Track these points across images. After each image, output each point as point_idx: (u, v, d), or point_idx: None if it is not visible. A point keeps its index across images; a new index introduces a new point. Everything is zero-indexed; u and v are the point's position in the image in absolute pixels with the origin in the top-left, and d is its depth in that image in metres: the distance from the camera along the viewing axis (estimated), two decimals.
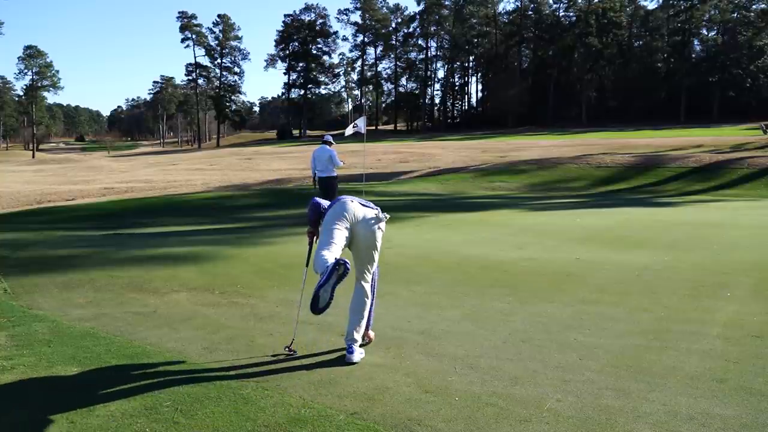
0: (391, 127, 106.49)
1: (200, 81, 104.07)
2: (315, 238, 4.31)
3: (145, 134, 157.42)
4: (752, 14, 77.76)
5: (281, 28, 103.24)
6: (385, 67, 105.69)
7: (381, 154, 43.47)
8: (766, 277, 6.69)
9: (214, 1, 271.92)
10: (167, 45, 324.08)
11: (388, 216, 4.26)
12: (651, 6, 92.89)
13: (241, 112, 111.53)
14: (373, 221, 4.16)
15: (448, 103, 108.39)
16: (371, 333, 4.45)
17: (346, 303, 4.37)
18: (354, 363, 4.01)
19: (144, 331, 4.85)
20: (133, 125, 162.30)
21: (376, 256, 4.27)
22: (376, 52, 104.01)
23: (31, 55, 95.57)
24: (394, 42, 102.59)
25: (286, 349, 4.22)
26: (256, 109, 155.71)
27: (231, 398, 3.43)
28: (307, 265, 4.29)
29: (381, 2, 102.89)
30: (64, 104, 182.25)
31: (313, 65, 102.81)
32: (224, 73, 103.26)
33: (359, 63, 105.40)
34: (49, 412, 3.23)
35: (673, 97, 79.81)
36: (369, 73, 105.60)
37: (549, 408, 3.31)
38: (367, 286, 4.24)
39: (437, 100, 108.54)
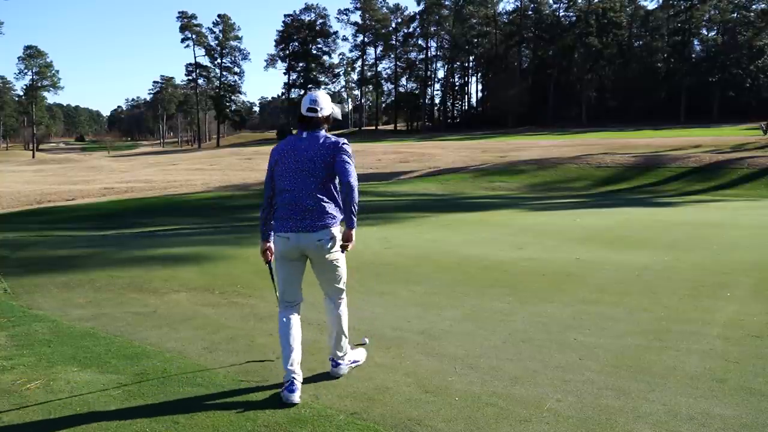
0: (391, 127, 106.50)
1: (200, 81, 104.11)
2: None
3: (145, 134, 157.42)
4: (752, 14, 77.80)
5: (281, 28, 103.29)
6: (385, 67, 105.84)
7: (381, 154, 43.47)
8: (766, 277, 6.69)
9: (214, 1, 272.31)
10: (167, 45, 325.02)
11: (334, 236, 3.63)
12: (651, 6, 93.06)
13: (241, 112, 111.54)
14: (319, 248, 3.63)
15: (448, 103, 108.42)
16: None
17: (348, 302, 4.36)
18: (342, 374, 3.84)
19: (144, 331, 4.85)
20: (133, 125, 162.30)
21: (342, 272, 3.83)
22: (376, 52, 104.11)
23: (31, 55, 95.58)
24: (394, 42, 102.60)
25: None
26: (256, 109, 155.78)
27: (231, 398, 3.43)
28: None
29: (381, 2, 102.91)
30: (64, 104, 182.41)
31: (313, 65, 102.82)
32: (224, 73, 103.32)
33: (359, 63, 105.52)
34: (49, 412, 3.23)
35: (673, 97, 79.81)
36: (369, 73, 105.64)
37: (549, 408, 3.31)
38: (340, 301, 3.88)
39: (437, 100, 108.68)
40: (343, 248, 3.66)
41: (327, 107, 3.73)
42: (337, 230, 3.64)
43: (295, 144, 3.70)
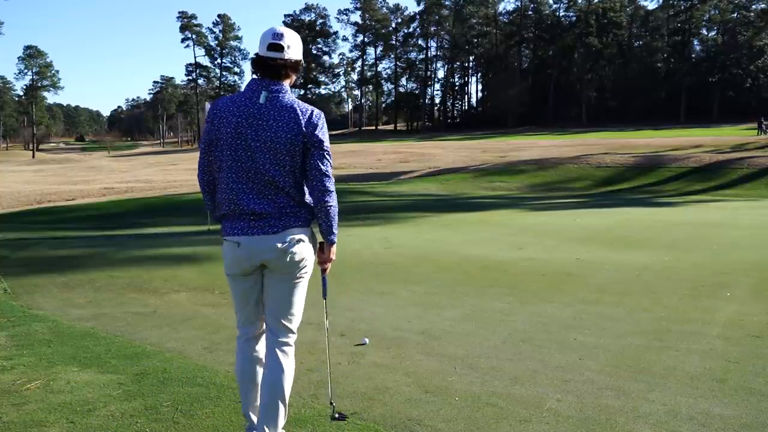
0: (391, 127, 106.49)
1: (200, 81, 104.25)
2: None
3: (145, 134, 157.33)
4: (752, 14, 77.79)
5: None
6: (385, 67, 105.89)
7: (381, 154, 43.49)
8: (766, 277, 6.69)
9: (214, 1, 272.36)
10: (167, 45, 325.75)
11: (303, 240, 2.68)
12: (651, 6, 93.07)
13: None
14: (282, 255, 2.62)
15: (448, 103, 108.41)
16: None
17: (344, 302, 4.36)
18: None
19: (144, 331, 4.85)
20: (133, 125, 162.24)
21: (301, 299, 2.79)
22: (376, 52, 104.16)
23: (31, 55, 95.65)
24: (394, 42, 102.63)
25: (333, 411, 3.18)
26: None
27: (231, 398, 3.43)
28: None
29: (381, 2, 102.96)
30: (64, 104, 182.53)
31: (313, 65, 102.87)
32: (224, 73, 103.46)
33: (359, 63, 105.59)
34: (49, 412, 3.23)
35: (673, 97, 79.81)
36: (369, 73, 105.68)
37: (549, 408, 3.31)
38: (288, 346, 2.76)
39: (437, 100, 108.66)
40: (323, 269, 2.83)
41: (297, 48, 2.64)
42: (308, 234, 2.70)
43: (248, 109, 2.57)
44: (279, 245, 2.60)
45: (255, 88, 2.62)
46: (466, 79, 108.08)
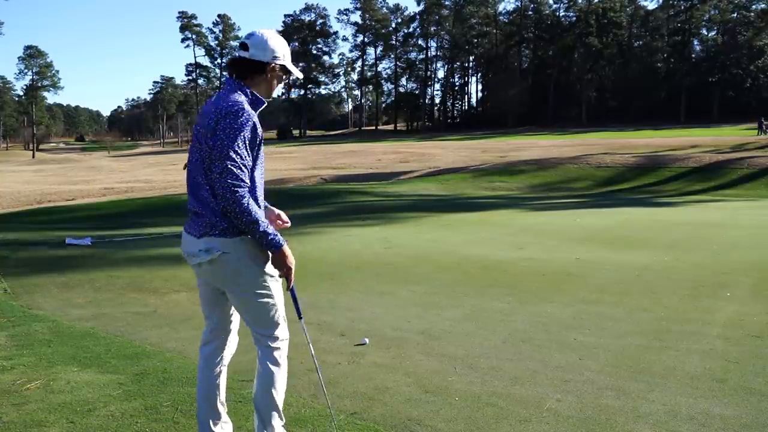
0: (391, 127, 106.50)
1: (200, 81, 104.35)
2: None
3: (145, 134, 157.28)
4: (752, 14, 77.82)
5: (281, 28, 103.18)
6: (385, 67, 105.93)
7: (381, 154, 43.50)
8: (766, 277, 6.69)
9: (214, 1, 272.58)
10: (167, 45, 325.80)
11: (214, 253, 2.47)
12: (651, 6, 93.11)
13: None
14: (207, 264, 2.51)
15: (448, 103, 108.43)
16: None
17: (344, 302, 4.35)
18: None
19: (144, 331, 4.85)
20: (133, 125, 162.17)
21: (260, 302, 2.61)
22: (376, 52, 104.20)
23: (31, 55, 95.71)
24: (394, 42, 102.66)
25: None
26: None
27: (231, 398, 3.43)
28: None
29: (381, 2, 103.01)
30: (64, 104, 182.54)
31: (313, 65, 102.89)
32: (224, 73, 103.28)
33: (359, 63, 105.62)
34: (49, 412, 3.23)
35: (673, 97, 79.83)
36: (369, 73, 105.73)
37: (549, 408, 3.31)
38: (271, 349, 2.70)
39: (437, 100, 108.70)
40: (287, 281, 2.60)
41: (267, 49, 2.56)
42: (231, 246, 2.46)
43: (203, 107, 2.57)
44: (197, 250, 2.50)
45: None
46: (466, 79, 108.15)
